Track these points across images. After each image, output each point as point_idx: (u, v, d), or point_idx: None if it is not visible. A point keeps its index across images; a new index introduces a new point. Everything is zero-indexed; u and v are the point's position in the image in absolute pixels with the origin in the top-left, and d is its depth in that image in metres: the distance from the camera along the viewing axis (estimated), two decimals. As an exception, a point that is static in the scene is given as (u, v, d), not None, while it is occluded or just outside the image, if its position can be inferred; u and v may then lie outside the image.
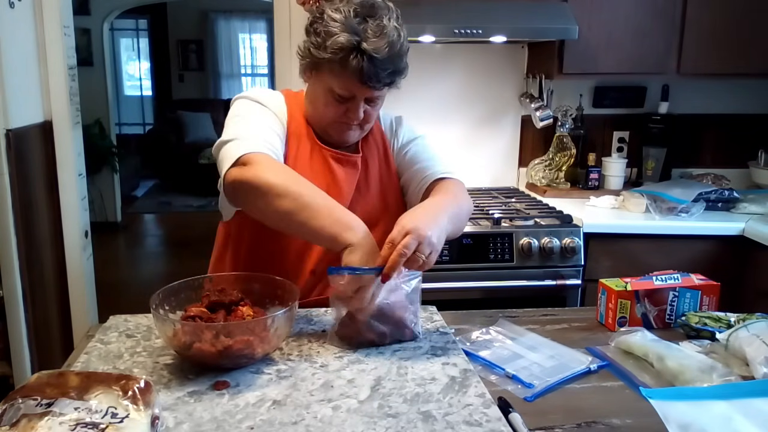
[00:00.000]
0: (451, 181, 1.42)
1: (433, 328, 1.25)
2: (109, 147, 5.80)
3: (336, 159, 1.36)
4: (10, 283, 2.20)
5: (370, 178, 1.41)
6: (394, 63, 1.22)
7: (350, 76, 1.22)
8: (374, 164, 1.42)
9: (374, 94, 1.27)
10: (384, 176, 1.43)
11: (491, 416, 0.92)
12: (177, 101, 8.36)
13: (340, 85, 1.25)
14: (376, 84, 1.23)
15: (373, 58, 1.19)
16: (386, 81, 1.24)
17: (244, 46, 8.72)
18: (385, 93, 1.31)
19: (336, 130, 1.34)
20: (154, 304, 1.08)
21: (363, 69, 1.19)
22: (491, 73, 2.76)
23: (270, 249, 1.34)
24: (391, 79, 1.24)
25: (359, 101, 1.27)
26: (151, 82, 8.82)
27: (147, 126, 8.79)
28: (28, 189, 2.28)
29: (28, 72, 2.33)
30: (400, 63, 1.24)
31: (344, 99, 1.27)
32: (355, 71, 1.20)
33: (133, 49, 8.81)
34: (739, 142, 2.83)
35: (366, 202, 1.37)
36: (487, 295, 2.18)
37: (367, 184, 1.40)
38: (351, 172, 1.37)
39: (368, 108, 1.30)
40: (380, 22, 1.20)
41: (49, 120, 2.45)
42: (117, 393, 0.81)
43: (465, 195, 1.42)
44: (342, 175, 1.36)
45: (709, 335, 1.25)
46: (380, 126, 1.46)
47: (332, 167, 1.35)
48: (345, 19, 1.20)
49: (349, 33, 1.19)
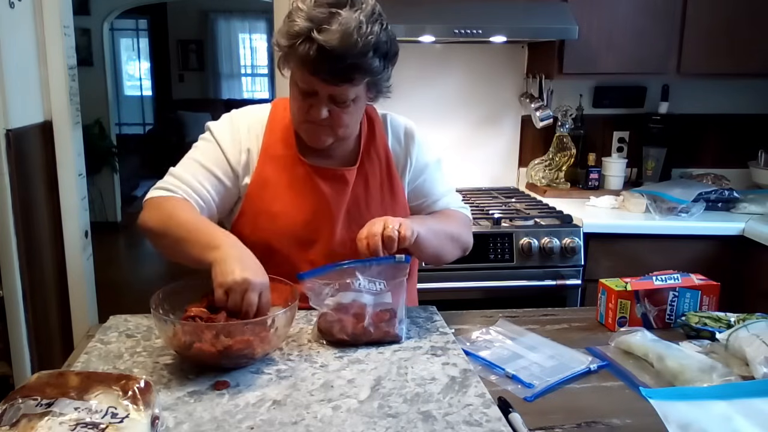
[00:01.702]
0: (456, 212, 1.45)
1: (433, 328, 1.25)
2: (109, 147, 5.80)
3: (320, 175, 1.31)
4: (10, 283, 2.19)
5: (371, 193, 1.35)
6: (350, 57, 1.13)
7: (301, 65, 1.17)
8: (375, 178, 1.35)
9: (336, 91, 1.19)
10: (386, 192, 1.37)
11: (491, 416, 0.92)
12: (177, 101, 8.36)
13: (300, 77, 1.20)
14: (327, 77, 1.15)
15: (321, 47, 1.12)
16: (342, 76, 1.16)
17: (244, 46, 8.72)
18: (357, 95, 1.22)
19: (304, 130, 1.28)
20: (154, 304, 1.08)
21: (310, 57, 1.13)
22: (491, 73, 2.76)
23: (270, 251, 1.33)
24: (349, 75, 1.16)
25: (322, 98, 1.20)
26: (151, 82, 8.82)
27: (147, 126, 8.79)
28: (28, 189, 2.28)
29: (28, 72, 2.33)
30: (362, 59, 1.14)
31: (308, 94, 1.21)
32: (303, 59, 1.15)
33: (133, 49, 8.81)
34: (739, 142, 2.83)
35: (365, 220, 1.24)
36: (487, 295, 2.18)
37: (367, 199, 1.34)
38: (339, 188, 1.31)
39: (336, 109, 1.22)
40: (341, 12, 1.13)
41: (49, 120, 2.45)
42: (117, 393, 0.81)
43: (464, 227, 1.43)
44: (328, 191, 1.31)
45: (709, 335, 1.25)
46: (384, 136, 1.38)
47: (317, 184, 1.30)
48: (308, 7, 1.15)
49: (305, 20, 1.14)
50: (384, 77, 1.24)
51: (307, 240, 1.31)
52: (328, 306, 1.15)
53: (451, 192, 1.48)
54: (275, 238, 1.30)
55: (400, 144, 1.40)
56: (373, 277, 1.15)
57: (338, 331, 1.15)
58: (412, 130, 1.42)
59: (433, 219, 1.38)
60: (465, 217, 1.47)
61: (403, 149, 1.40)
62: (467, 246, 1.44)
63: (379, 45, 1.17)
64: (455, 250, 1.40)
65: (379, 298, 1.15)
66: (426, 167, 1.42)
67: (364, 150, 1.36)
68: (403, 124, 1.42)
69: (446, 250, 1.37)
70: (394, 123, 1.41)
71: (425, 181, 1.42)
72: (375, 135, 1.37)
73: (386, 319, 1.16)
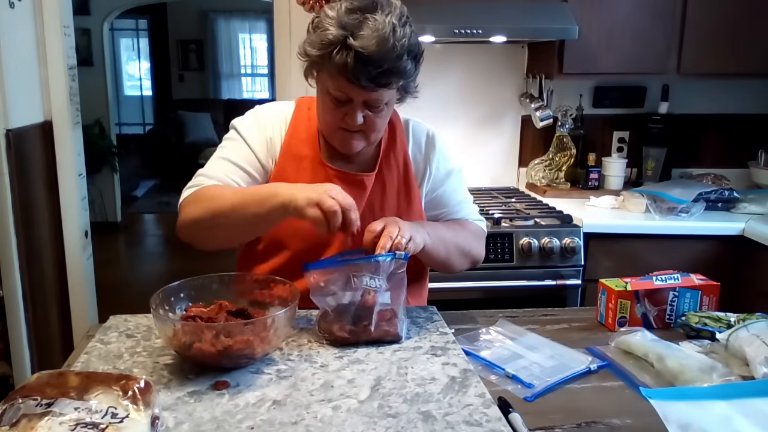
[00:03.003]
0: (471, 224, 1.43)
1: (433, 328, 1.25)
2: (109, 147, 5.80)
3: (340, 178, 1.29)
4: (10, 283, 2.20)
5: (387, 200, 1.34)
6: (387, 61, 1.13)
7: (338, 73, 1.15)
8: (392, 185, 1.34)
9: (372, 97, 1.18)
10: (402, 199, 1.35)
11: (491, 416, 0.92)
12: (177, 101, 8.36)
13: (333, 86, 1.18)
14: (366, 83, 1.14)
15: (359, 54, 1.11)
16: (380, 81, 1.15)
17: (244, 46, 8.72)
18: (389, 98, 1.22)
19: (338, 138, 1.26)
20: (154, 304, 1.08)
21: (348, 65, 1.12)
22: (491, 73, 2.76)
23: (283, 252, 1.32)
24: (386, 80, 1.15)
25: (357, 104, 1.19)
26: (151, 82, 8.82)
27: (147, 126, 8.79)
28: (28, 189, 2.28)
29: (28, 72, 2.33)
30: (398, 63, 1.14)
31: (341, 102, 1.20)
32: (340, 68, 1.13)
33: (133, 49, 8.81)
34: (739, 142, 2.83)
35: None
36: (487, 295, 2.18)
37: (383, 205, 1.33)
38: (357, 193, 1.27)
39: (369, 114, 1.21)
40: (375, 18, 1.12)
41: (49, 120, 2.45)
42: (117, 393, 0.81)
43: (477, 240, 1.41)
44: None
45: (709, 335, 1.25)
46: (405, 142, 1.37)
47: None
48: (338, 14, 1.14)
49: (338, 28, 1.12)
50: (414, 78, 1.24)
51: (320, 243, 1.30)
52: (329, 304, 1.15)
53: (469, 203, 1.46)
54: (289, 238, 1.30)
55: (421, 152, 1.39)
56: (372, 274, 1.14)
57: (338, 330, 1.15)
58: (434, 137, 1.41)
59: (447, 228, 1.36)
60: (479, 230, 1.45)
61: (424, 157, 1.39)
62: (478, 259, 1.43)
63: (411, 47, 1.17)
64: (464, 262, 1.39)
65: (380, 297, 1.15)
66: (446, 177, 1.40)
67: (384, 156, 1.35)
68: (425, 131, 1.41)
69: (454, 261, 1.36)
70: (416, 129, 1.40)
71: (444, 192, 1.41)
72: (396, 141, 1.36)
73: (387, 318, 1.16)
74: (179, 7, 8.19)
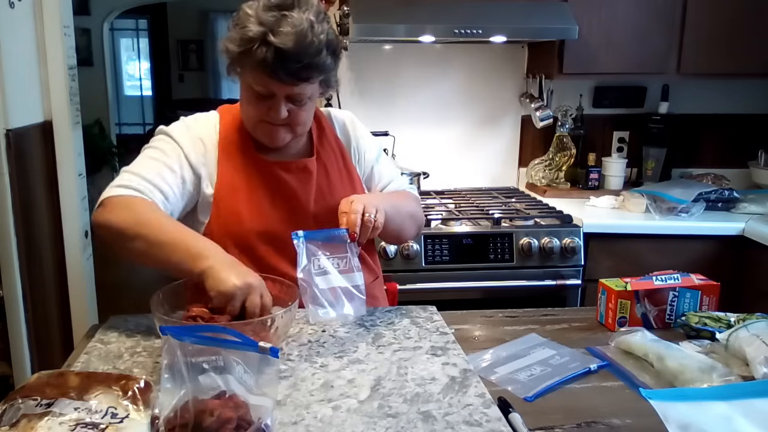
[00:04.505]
0: (409, 192, 1.53)
1: (433, 328, 1.25)
2: (109, 147, 5.81)
3: (283, 168, 1.34)
4: (10, 283, 2.19)
5: (332, 181, 1.39)
6: (307, 56, 1.18)
7: (259, 69, 1.19)
8: (333, 167, 1.40)
9: (294, 91, 1.23)
10: (345, 179, 1.42)
11: (491, 416, 0.92)
12: (177, 101, 8.35)
13: (256, 81, 1.23)
14: (286, 78, 1.19)
15: (279, 50, 1.16)
16: (300, 76, 1.20)
17: (244, 46, 8.72)
18: (312, 92, 1.26)
19: (262, 131, 1.30)
20: (155, 305, 1.08)
21: (268, 61, 1.16)
22: (491, 73, 2.76)
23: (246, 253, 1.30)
24: (306, 74, 1.20)
25: (280, 99, 1.24)
26: (151, 82, 8.82)
27: (147, 126, 8.79)
28: (28, 189, 2.27)
29: (28, 72, 2.32)
30: (316, 58, 1.19)
31: (264, 97, 1.24)
32: (261, 63, 1.18)
33: (133, 49, 8.81)
34: (739, 142, 2.83)
35: (330, 205, 1.32)
36: (487, 295, 2.18)
37: (330, 188, 1.38)
38: (305, 177, 1.35)
39: (293, 108, 1.26)
40: (292, 14, 1.17)
41: (49, 120, 2.44)
42: (117, 393, 0.81)
43: (418, 205, 1.50)
44: (295, 183, 1.34)
45: (709, 335, 1.25)
46: (332, 127, 1.45)
47: (281, 177, 1.33)
48: (256, 12, 1.18)
49: (257, 25, 1.17)
50: (334, 72, 1.29)
51: (283, 236, 1.27)
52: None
53: (399, 175, 1.56)
54: (251, 238, 1.30)
55: (347, 134, 1.47)
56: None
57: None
58: (354, 119, 1.50)
59: (394, 197, 1.45)
60: (416, 196, 1.55)
61: (352, 138, 1.47)
62: (422, 223, 1.52)
63: (330, 43, 1.22)
64: (413, 228, 1.46)
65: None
66: (373, 154, 1.49)
67: (318, 142, 1.41)
68: (345, 114, 1.50)
69: (406, 228, 1.43)
70: (337, 116, 1.48)
71: (378, 166, 1.49)
72: (324, 128, 1.43)
73: None
74: (179, 7, 8.19)
